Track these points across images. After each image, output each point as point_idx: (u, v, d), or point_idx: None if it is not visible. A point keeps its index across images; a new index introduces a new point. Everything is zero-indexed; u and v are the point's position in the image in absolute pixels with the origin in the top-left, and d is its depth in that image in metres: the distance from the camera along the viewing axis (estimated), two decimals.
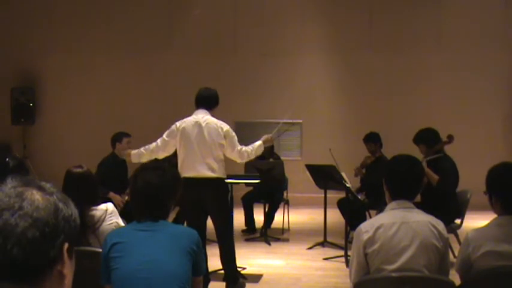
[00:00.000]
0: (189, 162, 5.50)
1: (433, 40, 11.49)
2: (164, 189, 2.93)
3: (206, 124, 5.52)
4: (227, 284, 5.65)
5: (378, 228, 3.04)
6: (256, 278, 6.24)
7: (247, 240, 8.22)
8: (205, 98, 5.66)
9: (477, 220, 6.63)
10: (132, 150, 5.82)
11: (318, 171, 7.53)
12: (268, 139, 5.88)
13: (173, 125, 5.66)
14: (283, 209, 8.77)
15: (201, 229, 5.55)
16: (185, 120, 5.63)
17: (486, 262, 2.97)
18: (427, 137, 6.60)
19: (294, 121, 11.76)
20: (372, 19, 11.65)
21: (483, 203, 3.49)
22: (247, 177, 7.58)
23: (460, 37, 11.40)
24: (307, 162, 8.34)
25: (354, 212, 7.33)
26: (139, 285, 2.73)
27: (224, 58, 11.69)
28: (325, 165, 7.36)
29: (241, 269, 6.35)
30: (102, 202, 3.83)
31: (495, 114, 11.35)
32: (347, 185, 7.08)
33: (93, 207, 3.72)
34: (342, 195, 7.57)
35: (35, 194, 1.21)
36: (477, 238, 3.03)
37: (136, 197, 2.97)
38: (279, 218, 8.83)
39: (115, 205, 4.04)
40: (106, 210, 3.74)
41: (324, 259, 7.07)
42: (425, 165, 6.22)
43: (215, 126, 5.52)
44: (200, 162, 5.47)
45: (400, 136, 6.77)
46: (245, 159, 5.71)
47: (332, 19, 11.72)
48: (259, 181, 7.30)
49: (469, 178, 7.12)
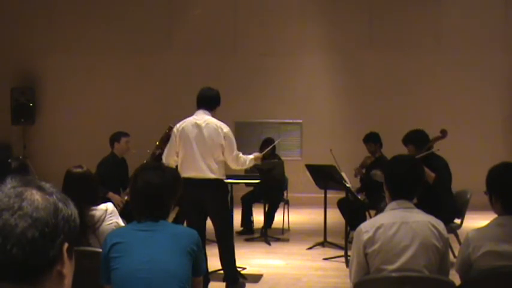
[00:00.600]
0: (189, 162, 5.50)
1: (433, 40, 11.49)
2: (164, 189, 2.93)
3: (206, 125, 5.51)
4: (227, 284, 5.65)
5: (378, 228, 3.04)
6: (256, 278, 6.24)
7: (247, 240, 8.22)
8: (206, 98, 5.65)
9: (477, 220, 6.63)
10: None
11: (318, 171, 7.53)
12: (258, 157, 5.90)
13: (174, 129, 5.66)
14: (283, 209, 8.77)
15: (201, 229, 5.54)
16: (185, 120, 5.63)
17: (486, 262, 2.97)
18: (416, 138, 6.58)
19: (294, 121, 11.79)
20: (372, 19, 11.65)
21: (483, 203, 3.49)
22: (247, 177, 7.59)
23: (460, 37, 11.40)
24: (307, 162, 8.34)
25: (354, 212, 7.33)
26: (139, 285, 2.73)
27: (224, 58, 11.69)
28: (325, 165, 7.36)
29: (241, 269, 6.35)
30: (102, 202, 3.83)
31: (495, 114, 11.35)
32: (347, 185, 7.08)
33: (93, 207, 3.72)
34: (342, 195, 7.57)
35: (35, 194, 1.21)
36: (477, 238, 3.03)
37: (136, 197, 2.97)
38: (279, 218, 8.83)
39: (114, 205, 4.04)
40: (106, 210, 3.74)
41: (324, 259, 7.07)
42: None
43: (215, 126, 5.51)
44: (199, 162, 5.47)
45: (400, 136, 6.75)
46: (239, 166, 5.70)
47: (332, 19, 11.72)
48: (259, 181, 7.29)
49: (469, 178, 7.12)
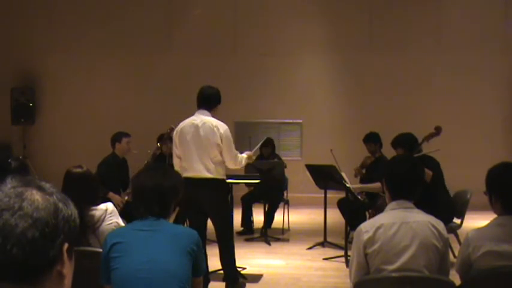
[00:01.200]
0: (187, 162, 5.51)
1: (433, 40, 11.49)
2: (168, 189, 2.94)
3: (203, 124, 5.50)
4: (227, 285, 5.64)
5: (378, 228, 3.04)
6: (256, 278, 6.24)
7: (247, 240, 8.22)
8: (205, 97, 5.64)
9: (477, 220, 6.62)
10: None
11: (318, 171, 7.53)
12: (250, 156, 5.92)
13: (174, 132, 5.67)
14: (283, 209, 8.77)
15: (201, 229, 5.54)
16: (184, 121, 5.64)
17: (486, 262, 2.97)
18: (405, 141, 6.58)
19: (294, 121, 11.79)
20: (372, 19, 11.65)
21: (483, 203, 3.49)
22: (247, 177, 7.59)
23: (460, 37, 11.40)
24: (307, 162, 8.34)
25: (354, 212, 7.33)
26: (139, 285, 2.73)
27: (224, 58, 11.69)
28: (325, 165, 7.36)
29: (241, 269, 6.35)
30: (102, 202, 3.83)
31: (495, 114, 11.35)
32: (347, 185, 7.08)
33: (93, 207, 3.72)
34: (342, 195, 7.56)
35: (35, 194, 1.21)
36: (477, 238, 3.02)
37: (139, 195, 2.97)
38: (279, 218, 8.83)
39: (115, 205, 4.04)
40: (106, 210, 3.74)
41: (324, 259, 7.07)
42: None
43: (211, 126, 5.49)
44: (197, 162, 5.47)
45: None
46: (237, 165, 5.71)
47: (332, 19, 11.72)
48: (259, 181, 7.29)
49: (469, 178, 7.12)
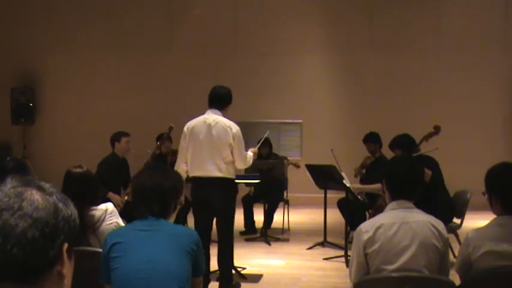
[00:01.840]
0: (198, 161, 5.48)
1: (433, 40, 11.49)
2: (168, 189, 2.94)
3: (215, 124, 5.49)
4: (220, 285, 5.61)
5: (378, 228, 3.04)
6: (256, 278, 6.24)
7: (247, 240, 8.22)
8: (218, 97, 5.61)
9: (477, 220, 6.62)
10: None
11: (318, 171, 7.52)
12: (255, 152, 5.96)
13: (184, 128, 5.63)
14: (283, 209, 8.77)
15: (208, 229, 5.55)
16: (195, 119, 5.61)
17: (486, 262, 2.97)
18: (403, 143, 6.57)
19: (294, 121, 11.79)
20: (372, 19, 11.65)
21: (483, 203, 3.49)
22: (247, 177, 7.58)
23: (460, 37, 11.40)
24: (307, 162, 8.34)
25: (354, 212, 7.33)
26: (139, 285, 2.73)
27: (224, 58, 11.69)
28: (325, 165, 7.35)
29: (241, 269, 6.35)
30: (102, 202, 3.83)
31: (495, 114, 11.35)
32: (347, 185, 7.08)
33: (93, 207, 3.72)
34: (342, 195, 7.56)
35: (35, 194, 1.21)
36: (477, 238, 3.02)
37: (139, 195, 2.97)
38: (279, 218, 8.83)
39: (115, 205, 4.04)
40: (106, 210, 3.74)
41: (324, 259, 7.07)
42: None
43: (224, 126, 5.49)
44: (208, 161, 5.45)
45: None
46: (246, 165, 5.75)
47: (332, 19, 11.72)
48: (259, 181, 7.28)
49: (469, 178, 7.12)
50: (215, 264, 5.68)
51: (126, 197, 6.99)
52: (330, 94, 11.79)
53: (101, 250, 2.98)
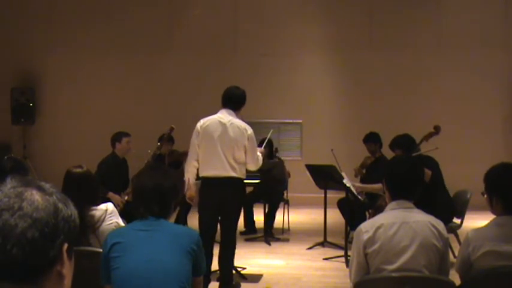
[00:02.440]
0: (210, 160, 5.45)
1: (433, 40, 11.50)
2: (168, 189, 2.95)
3: (231, 124, 5.47)
4: (220, 285, 5.61)
5: (378, 228, 3.04)
6: (256, 278, 6.24)
7: (247, 240, 8.22)
8: (232, 97, 5.59)
9: (477, 220, 6.63)
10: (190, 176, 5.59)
11: (318, 171, 7.53)
12: (262, 152, 5.97)
13: (197, 125, 5.57)
14: (283, 209, 8.77)
15: (214, 229, 5.56)
16: (209, 118, 5.56)
17: (486, 262, 2.97)
18: (403, 143, 6.57)
19: (294, 121, 11.79)
20: (372, 19, 11.65)
21: (483, 203, 3.49)
22: (247, 177, 7.56)
23: (460, 37, 11.40)
24: (307, 162, 8.34)
25: (354, 212, 7.33)
26: (139, 285, 2.73)
27: (224, 58, 11.69)
28: (325, 165, 7.35)
29: (241, 269, 6.35)
30: (102, 202, 3.83)
31: (495, 114, 11.35)
32: (347, 185, 7.08)
33: (93, 207, 3.72)
34: (342, 195, 7.56)
35: (35, 195, 1.21)
36: (477, 238, 3.02)
37: (139, 195, 2.97)
38: (279, 218, 8.82)
39: (115, 205, 4.04)
40: (106, 210, 3.74)
41: (324, 259, 7.07)
42: None
43: (239, 127, 5.49)
44: (222, 161, 5.42)
45: None
46: (257, 167, 5.73)
47: (332, 19, 11.73)
48: (259, 181, 7.28)
49: (469, 178, 7.12)
50: (215, 264, 5.68)
51: (126, 197, 6.99)
52: (330, 94, 11.78)
53: (101, 250, 2.98)
